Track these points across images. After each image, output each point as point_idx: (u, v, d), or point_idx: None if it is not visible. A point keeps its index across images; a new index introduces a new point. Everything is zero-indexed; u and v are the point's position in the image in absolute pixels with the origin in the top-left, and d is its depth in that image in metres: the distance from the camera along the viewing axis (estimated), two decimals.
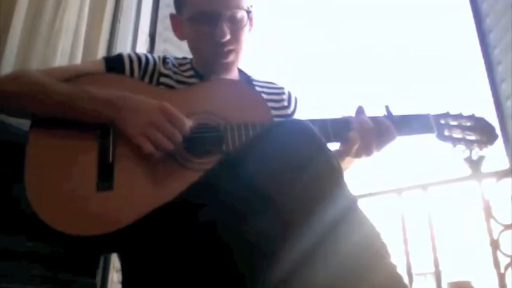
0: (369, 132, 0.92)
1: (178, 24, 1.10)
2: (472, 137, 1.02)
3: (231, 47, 1.03)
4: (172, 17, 1.12)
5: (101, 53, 1.65)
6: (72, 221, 0.78)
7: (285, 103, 1.14)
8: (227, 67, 1.06)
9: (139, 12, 1.96)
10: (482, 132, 1.02)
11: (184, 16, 1.05)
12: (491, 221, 1.75)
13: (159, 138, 0.82)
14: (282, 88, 1.17)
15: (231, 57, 1.04)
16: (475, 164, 1.84)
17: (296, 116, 1.15)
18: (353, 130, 0.91)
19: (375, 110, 1.00)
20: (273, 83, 1.18)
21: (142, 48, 1.93)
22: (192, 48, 1.09)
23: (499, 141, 1.71)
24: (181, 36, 1.11)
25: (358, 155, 0.93)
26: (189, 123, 0.86)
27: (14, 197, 1.02)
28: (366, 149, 0.93)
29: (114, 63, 1.01)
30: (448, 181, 1.95)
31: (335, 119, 0.95)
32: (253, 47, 1.10)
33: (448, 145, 1.01)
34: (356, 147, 0.91)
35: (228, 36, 1.00)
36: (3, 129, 1.07)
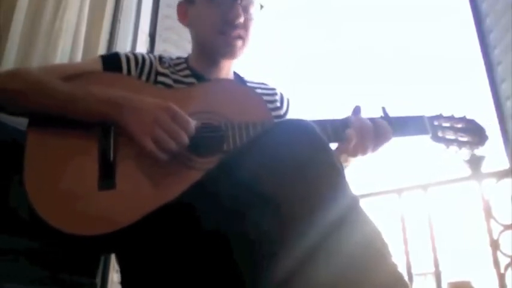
0: (366, 132, 0.93)
1: (185, 11, 1.11)
2: (464, 138, 1.04)
3: (241, 32, 1.04)
4: (179, 4, 1.13)
5: (101, 52, 1.65)
6: (73, 220, 0.77)
7: (278, 104, 1.14)
8: (232, 51, 1.05)
9: (139, 12, 1.96)
10: (474, 133, 1.05)
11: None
12: (491, 221, 1.75)
13: (164, 138, 0.81)
14: (274, 89, 1.17)
15: (238, 43, 1.05)
16: (475, 164, 1.84)
17: (288, 117, 1.15)
18: (351, 128, 0.92)
19: (374, 110, 1.01)
20: (265, 84, 1.18)
21: (142, 48, 1.93)
22: (199, 31, 1.09)
23: (499, 142, 1.72)
24: (186, 23, 1.12)
25: (354, 153, 0.94)
26: (193, 122, 0.86)
27: (14, 197, 1.02)
28: (362, 148, 0.93)
29: (111, 62, 1.01)
30: (448, 181, 1.95)
31: (334, 119, 0.96)
32: (253, 46, 1.10)
33: (442, 146, 1.04)
34: (352, 144, 0.92)
35: (242, 20, 1.02)
36: (2, 128, 1.07)
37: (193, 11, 1.09)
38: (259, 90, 1.13)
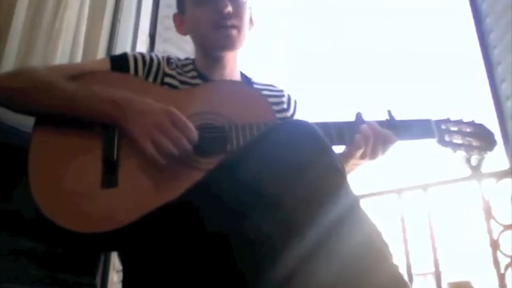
0: (377, 137, 0.93)
1: (180, 21, 1.13)
2: (472, 143, 1.03)
3: (234, 22, 1.05)
4: (174, 16, 1.15)
5: (101, 53, 1.65)
6: (76, 218, 0.78)
7: (285, 105, 1.14)
8: (230, 42, 1.06)
9: (139, 12, 1.96)
10: (482, 138, 1.04)
11: (188, 6, 1.08)
12: (491, 221, 1.76)
13: (163, 142, 0.82)
14: (282, 91, 1.17)
15: (234, 32, 1.05)
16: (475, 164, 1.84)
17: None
18: (360, 134, 0.92)
19: (374, 110, 1.00)
20: (273, 86, 1.18)
21: (142, 48, 1.93)
22: (196, 33, 1.10)
23: (499, 142, 1.72)
24: (184, 31, 1.13)
25: (362, 158, 0.94)
26: (195, 131, 0.85)
27: (18, 196, 1.02)
28: (371, 153, 0.94)
29: (119, 62, 1.01)
30: (448, 181, 1.95)
31: (339, 122, 0.96)
32: (253, 46, 1.10)
33: (449, 150, 1.03)
34: (361, 151, 0.92)
35: (230, 9, 1.03)
36: (5, 129, 1.08)
37: (186, 17, 1.11)
38: (266, 92, 1.12)
